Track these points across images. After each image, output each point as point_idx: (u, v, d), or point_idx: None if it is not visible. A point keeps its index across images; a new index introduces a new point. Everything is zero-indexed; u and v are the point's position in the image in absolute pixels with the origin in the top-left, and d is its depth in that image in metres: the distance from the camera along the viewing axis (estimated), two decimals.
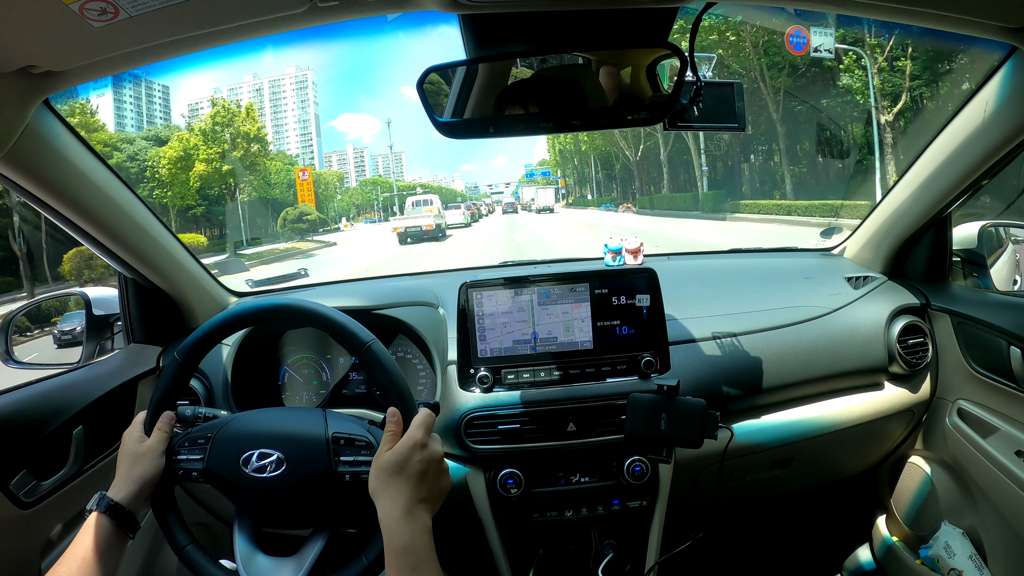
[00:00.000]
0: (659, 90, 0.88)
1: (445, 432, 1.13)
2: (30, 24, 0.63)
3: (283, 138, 54.74)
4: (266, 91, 53.43)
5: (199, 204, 23.43)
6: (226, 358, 1.27)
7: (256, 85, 52.33)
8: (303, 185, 28.06)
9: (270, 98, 53.95)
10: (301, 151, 56.91)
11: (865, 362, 1.30)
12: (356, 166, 76.78)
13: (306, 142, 57.56)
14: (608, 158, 30.55)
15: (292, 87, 55.84)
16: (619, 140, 25.40)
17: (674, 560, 1.11)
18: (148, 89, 25.12)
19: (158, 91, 31.05)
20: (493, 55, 0.86)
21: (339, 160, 76.93)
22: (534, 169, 44.27)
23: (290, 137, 55.80)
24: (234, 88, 50.19)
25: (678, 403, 0.96)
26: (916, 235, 1.36)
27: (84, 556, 0.71)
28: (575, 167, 38.43)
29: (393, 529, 0.71)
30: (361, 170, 74.42)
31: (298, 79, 55.95)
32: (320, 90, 60.55)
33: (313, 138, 58.11)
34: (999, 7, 0.74)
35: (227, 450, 0.82)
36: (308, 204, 26.63)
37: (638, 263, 1.47)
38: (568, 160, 38.63)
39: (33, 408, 1.00)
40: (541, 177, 39.35)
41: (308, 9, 0.67)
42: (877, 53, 13.39)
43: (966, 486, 1.28)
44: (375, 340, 0.82)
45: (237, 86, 50.65)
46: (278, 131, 54.00)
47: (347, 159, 76.84)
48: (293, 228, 24.70)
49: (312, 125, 57.35)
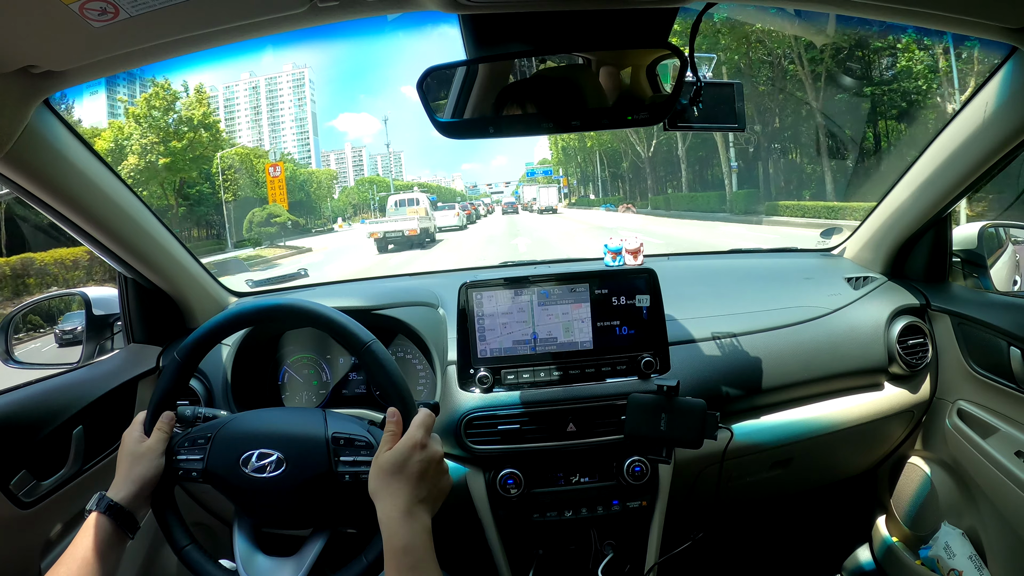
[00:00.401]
0: (659, 90, 0.88)
1: (445, 432, 1.13)
2: (30, 24, 0.63)
3: (279, 136, 54.03)
4: (263, 89, 52.67)
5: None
6: (226, 358, 1.27)
7: (252, 83, 51.49)
8: (274, 183, 25.37)
9: (267, 96, 53.30)
10: (298, 149, 55.95)
11: (865, 362, 1.30)
12: (354, 165, 76.17)
13: (303, 141, 56.68)
14: (615, 155, 29.59)
15: (289, 85, 55.14)
16: (629, 135, 24.09)
17: (674, 560, 1.11)
18: (142, 88, 24.27)
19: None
20: (493, 55, 0.86)
21: (337, 159, 76.39)
22: (535, 167, 42.83)
23: (287, 135, 55.07)
24: (230, 86, 49.39)
25: (678, 403, 0.96)
26: (916, 235, 1.36)
27: (84, 556, 0.71)
28: (578, 165, 37.24)
29: (393, 529, 0.71)
30: (360, 170, 73.82)
31: (295, 77, 55.11)
32: (319, 89, 59.78)
33: (310, 137, 57.18)
34: (999, 7, 0.74)
35: (227, 450, 0.82)
36: (279, 204, 23.77)
37: (638, 263, 1.47)
38: (571, 158, 37.50)
39: (33, 408, 1.00)
40: (542, 176, 37.90)
41: (308, 9, 0.67)
42: None
43: (966, 487, 1.28)
44: (375, 340, 0.82)
45: (233, 84, 49.89)
46: (274, 130, 53.26)
47: (345, 158, 76.37)
48: (261, 231, 21.91)
49: (309, 123, 56.58)
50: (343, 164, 74.72)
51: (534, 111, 0.87)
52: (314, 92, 58.73)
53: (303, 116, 56.11)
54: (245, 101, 51.72)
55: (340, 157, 75.95)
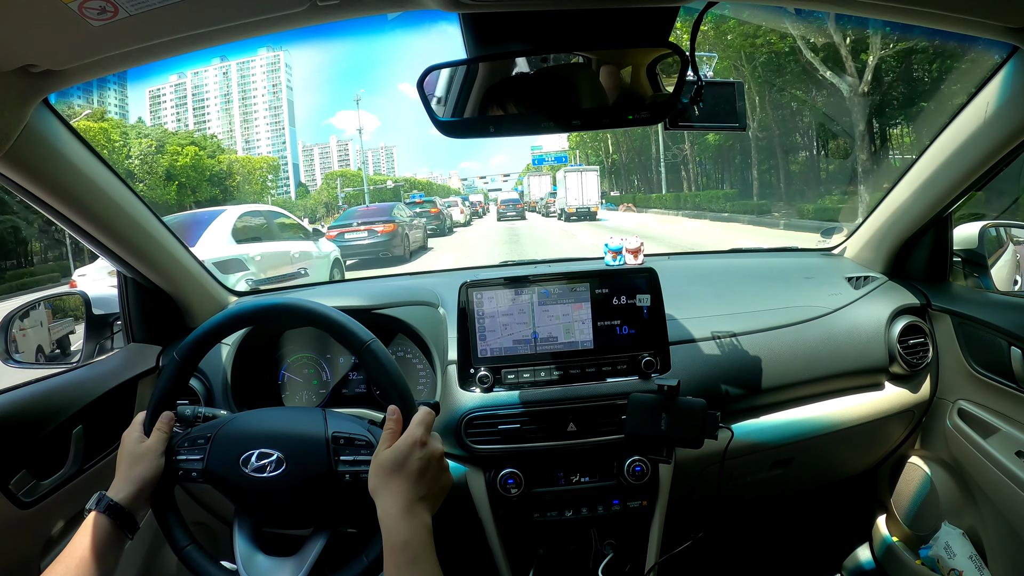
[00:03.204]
0: (660, 89, 0.88)
1: (445, 432, 1.13)
2: (29, 23, 0.63)
3: (252, 126, 49.68)
4: (234, 75, 48.66)
5: None
6: (226, 358, 1.27)
7: (223, 68, 47.95)
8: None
9: (238, 82, 49.40)
10: (272, 140, 49.77)
11: (865, 362, 1.29)
12: (340, 160, 72.12)
13: (277, 130, 51.21)
14: (645, 145, 22.11)
15: (263, 70, 50.81)
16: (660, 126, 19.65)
17: (674, 560, 1.11)
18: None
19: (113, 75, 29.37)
20: (493, 54, 0.85)
21: (321, 153, 72.93)
22: (544, 154, 29.86)
23: (260, 125, 50.37)
24: (199, 72, 45.99)
25: (678, 403, 0.96)
26: (917, 235, 1.36)
27: (82, 555, 0.71)
28: (603, 153, 26.88)
29: (392, 526, 0.71)
30: (345, 164, 69.33)
31: (269, 61, 50.36)
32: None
33: (285, 126, 52.14)
34: (1000, 7, 0.74)
35: (227, 450, 0.81)
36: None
37: (638, 263, 1.47)
38: (585, 145, 27.57)
39: (33, 408, 1.00)
40: (555, 163, 26.44)
41: (308, 8, 0.66)
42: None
43: (966, 486, 1.28)
44: (374, 339, 0.82)
45: (203, 70, 46.43)
46: (247, 119, 49.04)
47: (330, 152, 72.84)
48: None
49: (284, 112, 51.84)
50: (328, 159, 71.42)
51: (535, 110, 0.87)
52: (290, 78, 53.63)
53: (278, 104, 51.67)
54: (215, 88, 48.03)
55: (324, 151, 72.76)
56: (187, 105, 45.72)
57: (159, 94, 38.01)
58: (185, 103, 45.93)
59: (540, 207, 20.93)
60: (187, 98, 46.23)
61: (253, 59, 50.05)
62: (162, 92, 37.60)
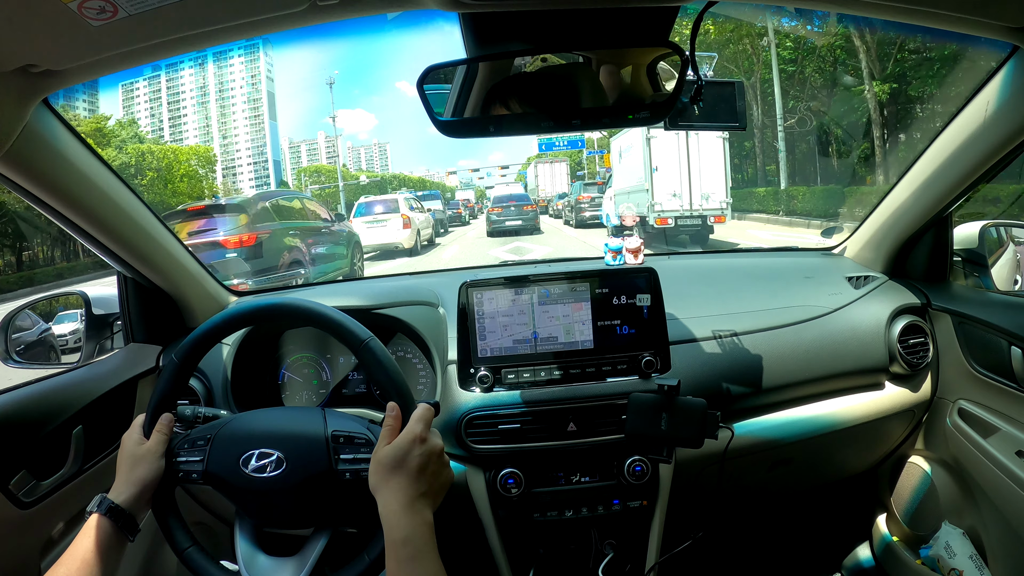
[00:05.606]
0: (660, 89, 0.88)
1: (445, 432, 1.13)
2: (29, 23, 0.63)
3: (229, 121, 45.78)
4: (211, 68, 45.47)
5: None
6: (226, 358, 1.27)
7: (198, 59, 44.35)
8: None
9: (214, 73, 45.87)
10: (251, 135, 46.09)
11: (866, 362, 1.29)
12: (328, 156, 68.94)
13: (256, 125, 47.49)
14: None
15: (240, 61, 47.15)
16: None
17: (674, 560, 1.11)
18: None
19: None
20: (493, 54, 0.85)
21: (309, 149, 70.58)
22: (555, 137, 22.28)
23: (238, 120, 46.87)
24: (173, 64, 42.56)
25: (679, 403, 0.96)
26: (917, 235, 1.36)
27: (83, 557, 0.71)
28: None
29: (393, 522, 0.70)
30: (333, 160, 64.81)
31: (248, 51, 46.63)
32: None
33: (265, 120, 48.26)
34: (1000, 7, 0.74)
35: (227, 451, 0.81)
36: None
37: (638, 262, 1.47)
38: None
39: (33, 408, 1.00)
40: (568, 149, 22.05)
41: (308, 8, 0.66)
42: None
43: (966, 486, 1.28)
44: (372, 337, 0.82)
45: (177, 60, 42.33)
46: (224, 114, 45.50)
47: (318, 147, 70.25)
48: None
49: (264, 105, 48.04)
50: (315, 154, 68.99)
51: (534, 110, 0.87)
52: (270, 69, 49.58)
53: (257, 96, 47.97)
54: (191, 81, 45.08)
55: (312, 147, 70.73)
56: (161, 100, 43.42)
57: (132, 86, 35.85)
58: (159, 98, 43.61)
59: (564, 210, 12.94)
60: (161, 91, 44.13)
61: (229, 49, 45.22)
62: (135, 85, 35.77)
